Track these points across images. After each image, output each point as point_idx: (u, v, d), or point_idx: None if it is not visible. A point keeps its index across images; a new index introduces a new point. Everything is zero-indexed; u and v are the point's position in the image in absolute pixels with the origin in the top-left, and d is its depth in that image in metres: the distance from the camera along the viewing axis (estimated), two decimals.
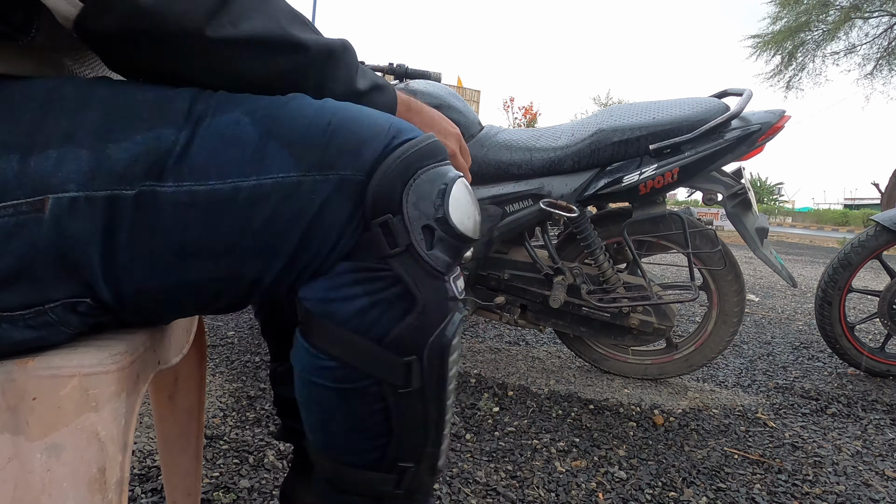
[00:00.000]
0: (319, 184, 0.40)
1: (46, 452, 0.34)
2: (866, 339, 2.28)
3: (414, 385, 0.44)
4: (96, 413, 0.35)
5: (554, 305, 1.48)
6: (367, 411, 0.45)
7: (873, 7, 11.41)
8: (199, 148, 0.38)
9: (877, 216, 1.77)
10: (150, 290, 0.40)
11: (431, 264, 0.42)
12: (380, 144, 0.42)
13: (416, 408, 0.46)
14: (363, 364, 0.43)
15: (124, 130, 0.37)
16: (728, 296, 1.53)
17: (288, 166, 0.39)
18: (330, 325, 0.42)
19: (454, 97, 1.53)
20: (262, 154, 0.39)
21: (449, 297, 0.44)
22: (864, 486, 1.10)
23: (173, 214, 0.38)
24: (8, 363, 0.35)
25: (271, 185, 0.39)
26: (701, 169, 1.37)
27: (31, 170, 0.36)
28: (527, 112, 20.46)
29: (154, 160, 0.37)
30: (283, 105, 0.42)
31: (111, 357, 0.37)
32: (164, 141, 0.38)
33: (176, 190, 0.37)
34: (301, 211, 0.40)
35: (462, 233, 0.44)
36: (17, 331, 0.37)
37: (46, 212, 0.35)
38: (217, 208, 0.38)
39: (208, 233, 0.39)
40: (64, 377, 0.35)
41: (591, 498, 0.99)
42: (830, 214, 28.32)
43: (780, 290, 3.63)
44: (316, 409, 0.47)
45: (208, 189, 0.38)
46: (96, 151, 0.36)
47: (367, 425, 0.46)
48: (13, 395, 0.34)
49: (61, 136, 0.37)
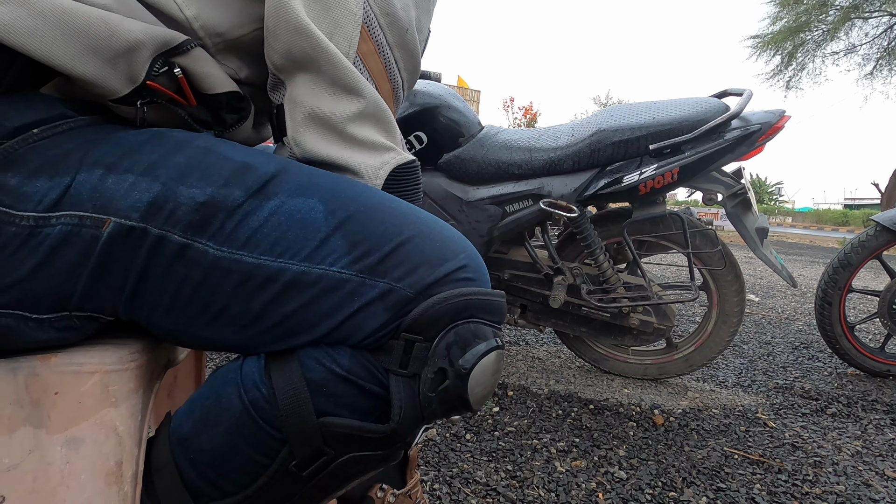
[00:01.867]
0: (367, 287, 0.40)
1: (66, 445, 0.35)
2: (866, 339, 2.28)
3: (305, 474, 0.42)
4: (115, 408, 0.36)
5: (554, 305, 1.49)
6: (250, 455, 0.42)
7: (873, 7, 11.42)
8: (264, 222, 0.39)
9: (877, 216, 1.78)
10: (164, 328, 0.41)
11: (423, 404, 0.41)
12: (443, 270, 0.42)
13: (285, 491, 0.43)
14: (292, 420, 0.40)
15: (200, 179, 0.39)
16: (728, 296, 1.54)
17: (343, 262, 0.40)
18: (298, 372, 0.40)
19: (454, 97, 1.54)
20: (323, 244, 0.40)
21: (406, 442, 0.43)
22: (864, 486, 1.11)
23: (211, 275, 0.39)
24: (31, 358, 0.36)
25: (318, 276, 0.39)
26: (701, 169, 1.38)
27: (105, 187, 0.38)
28: (527, 112, 20.46)
29: (213, 213, 0.39)
30: (367, 202, 0.42)
31: (130, 355, 0.38)
32: (230, 200, 0.39)
33: (225, 255, 0.39)
34: (338, 307, 0.40)
35: (468, 398, 0.42)
36: (43, 331, 0.39)
37: (104, 232, 0.37)
38: (257, 283, 0.39)
39: (238, 303, 0.39)
40: (86, 373, 0.36)
41: (591, 498, 1.00)
42: (830, 214, 28.30)
43: (780, 290, 3.64)
44: (208, 404, 0.43)
45: (256, 263, 0.39)
46: (167, 189, 0.38)
47: (236, 463, 0.42)
48: (36, 389, 0.35)
49: (146, 166, 0.39)
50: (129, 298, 0.39)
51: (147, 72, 0.41)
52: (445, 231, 0.44)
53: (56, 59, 0.37)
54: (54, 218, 0.37)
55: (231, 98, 0.47)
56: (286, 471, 0.41)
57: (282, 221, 0.40)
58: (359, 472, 0.45)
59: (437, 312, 0.40)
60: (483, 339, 0.42)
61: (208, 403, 0.43)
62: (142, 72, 0.41)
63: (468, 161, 1.49)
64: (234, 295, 0.39)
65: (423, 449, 1.13)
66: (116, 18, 0.39)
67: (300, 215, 0.40)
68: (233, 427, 0.41)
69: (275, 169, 0.42)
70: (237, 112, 0.49)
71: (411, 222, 0.43)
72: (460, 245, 0.44)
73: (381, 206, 0.43)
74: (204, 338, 0.42)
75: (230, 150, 0.43)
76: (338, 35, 0.44)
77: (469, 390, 0.41)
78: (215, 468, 0.42)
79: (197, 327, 0.41)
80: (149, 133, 0.42)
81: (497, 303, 0.44)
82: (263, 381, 0.41)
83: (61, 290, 0.38)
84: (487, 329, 0.43)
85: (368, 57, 0.47)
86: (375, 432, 0.41)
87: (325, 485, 0.44)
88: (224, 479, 0.43)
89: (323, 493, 0.45)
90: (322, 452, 0.41)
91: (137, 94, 0.42)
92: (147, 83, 0.42)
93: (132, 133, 0.42)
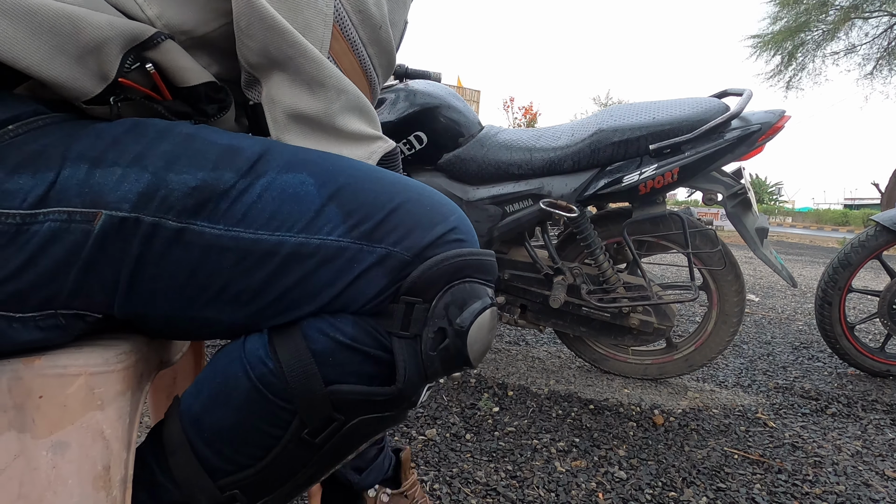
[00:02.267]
0: (365, 254, 0.41)
1: (52, 450, 0.34)
2: (866, 339, 2.28)
3: (318, 440, 0.43)
4: (101, 411, 0.36)
5: (554, 305, 1.48)
6: (263, 428, 0.43)
7: (873, 7, 11.41)
8: (257, 199, 0.40)
9: (877, 216, 1.77)
10: (163, 315, 0.41)
11: (425, 363, 0.42)
12: (436, 233, 0.43)
13: (299, 459, 0.44)
14: (301, 392, 0.41)
15: (189, 165, 0.39)
16: (728, 296, 1.53)
17: (339, 231, 0.41)
18: (303, 345, 0.41)
19: (454, 97, 1.54)
20: (318, 215, 0.41)
21: (412, 401, 0.44)
22: (864, 486, 1.10)
23: (209, 254, 0.39)
24: (14, 361, 0.36)
25: (317, 246, 0.40)
26: (701, 169, 1.37)
27: (94, 181, 0.37)
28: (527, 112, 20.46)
29: (207, 197, 0.39)
30: (356, 173, 0.43)
31: (116, 356, 0.37)
32: (222, 183, 0.39)
33: (222, 233, 0.39)
34: (338, 275, 0.41)
35: (467, 354, 0.43)
36: (27, 331, 0.38)
37: (97, 225, 0.37)
38: (256, 257, 0.39)
39: (238, 280, 0.40)
40: (70, 376, 0.35)
41: (591, 498, 0.99)
42: (830, 214, 28.32)
43: (780, 290, 3.64)
44: (217, 383, 0.44)
45: (254, 238, 0.39)
46: (157, 177, 0.38)
47: (249, 437, 0.43)
48: (20, 393, 0.34)
49: (132, 156, 0.39)
50: (125, 290, 0.39)
51: (118, 68, 0.41)
52: (434, 195, 0.46)
53: (23, 62, 0.36)
54: (42, 214, 0.37)
55: (208, 89, 0.47)
56: (299, 439, 0.43)
57: (275, 197, 0.40)
58: (369, 434, 0.46)
59: (435, 274, 0.42)
60: (478, 297, 0.43)
61: (216, 383, 0.44)
62: (113, 68, 0.41)
63: (468, 161, 1.48)
64: (233, 272, 0.39)
65: (423, 449, 1.13)
66: (81, 12, 0.38)
67: (292, 190, 0.41)
68: (243, 403, 0.42)
69: (261, 149, 0.42)
70: (217, 102, 0.49)
71: (400, 189, 0.44)
72: (449, 208, 0.46)
73: (370, 175, 0.44)
74: (205, 319, 0.41)
75: (213, 135, 0.43)
76: (309, 36, 0.44)
77: (468, 347, 0.43)
78: (230, 444, 0.43)
79: (196, 309, 0.40)
80: (128, 123, 0.41)
81: (489, 262, 0.45)
82: (269, 356, 0.41)
83: (49, 287, 0.38)
84: (481, 288, 0.44)
85: (342, 56, 0.47)
86: (382, 395, 0.42)
87: (338, 448, 0.45)
88: (239, 454, 0.43)
89: (336, 456, 0.46)
90: (333, 419, 0.42)
91: (110, 91, 0.42)
92: (119, 80, 0.41)
93: (111, 125, 0.41)
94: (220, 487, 0.44)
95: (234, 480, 0.44)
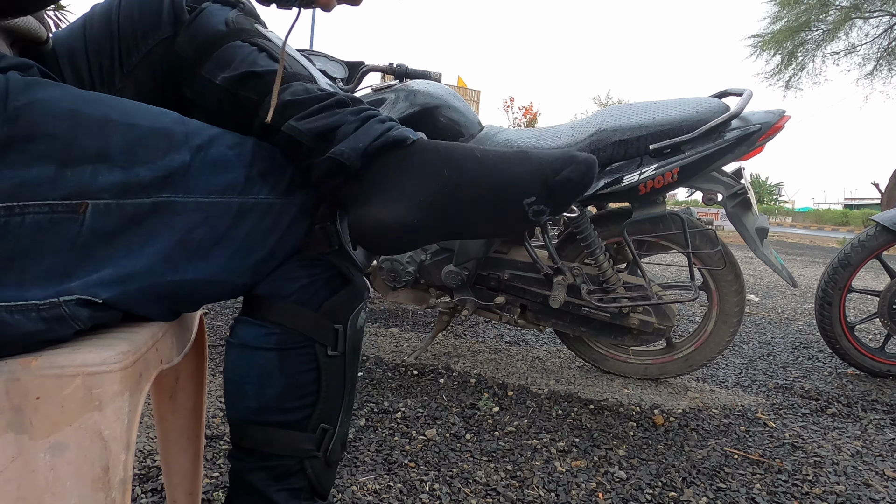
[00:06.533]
0: (287, 206, 0.52)
1: (50, 451, 0.34)
2: (866, 339, 2.28)
3: (339, 349, 0.55)
4: (100, 412, 0.35)
5: (554, 305, 1.48)
6: (301, 370, 0.54)
7: (873, 7, 11.41)
8: (201, 171, 0.48)
9: (877, 216, 1.77)
10: (154, 288, 0.45)
11: (357, 259, 0.56)
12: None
13: (338, 371, 0.56)
14: (303, 328, 0.53)
15: (147, 156, 0.46)
16: (728, 296, 1.53)
17: (265, 191, 0.51)
18: (276, 300, 0.52)
19: (454, 97, 1.53)
20: (246, 180, 0.50)
21: (365, 286, 0.58)
22: (864, 486, 1.10)
23: (184, 216, 0.46)
24: (11, 362, 0.35)
25: (253, 204, 0.50)
26: (701, 169, 1.37)
27: (67, 177, 0.41)
28: (527, 112, 20.46)
29: (169, 175, 0.46)
30: (260, 143, 0.53)
31: (114, 356, 0.37)
32: (175, 163, 0.47)
33: (186, 200, 0.47)
34: (274, 226, 0.51)
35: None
36: (30, 322, 0.39)
37: (86, 214, 0.42)
38: (217, 214, 0.48)
39: (209, 231, 0.48)
40: (68, 376, 0.35)
41: (591, 498, 0.99)
42: (830, 214, 28.30)
43: (780, 290, 3.64)
44: (254, 374, 0.53)
45: (210, 201, 0.48)
46: (128, 172, 0.44)
47: (300, 383, 0.54)
48: (17, 394, 0.34)
49: (94, 155, 0.43)
50: (121, 266, 0.43)
51: None
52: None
53: None
54: (18, 207, 0.39)
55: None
56: (327, 357, 0.54)
57: (213, 168, 0.48)
58: (359, 316, 0.58)
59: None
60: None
61: (252, 375, 0.53)
62: None
63: None
64: (205, 227, 0.47)
65: (422, 449, 1.13)
66: None
67: (221, 161, 0.49)
68: (280, 368, 0.52)
69: (182, 126, 0.49)
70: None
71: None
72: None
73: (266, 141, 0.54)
74: (187, 281, 0.47)
75: (136, 115, 0.47)
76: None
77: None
78: (296, 400, 0.54)
79: (181, 272, 0.46)
80: (64, 117, 0.43)
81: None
82: (266, 328, 0.52)
83: (51, 276, 0.40)
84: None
85: None
86: (350, 294, 0.55)
87: (353, 345, 0.56)
88: (304, 401, 0.54)
89: (354, 352, 0.57)
90: (335, 328, 0.54)
91: None
92: None
93: (48, 120, 0.42)
94: (312, 430, 0.55)
95: (315, 419, 0.55)
